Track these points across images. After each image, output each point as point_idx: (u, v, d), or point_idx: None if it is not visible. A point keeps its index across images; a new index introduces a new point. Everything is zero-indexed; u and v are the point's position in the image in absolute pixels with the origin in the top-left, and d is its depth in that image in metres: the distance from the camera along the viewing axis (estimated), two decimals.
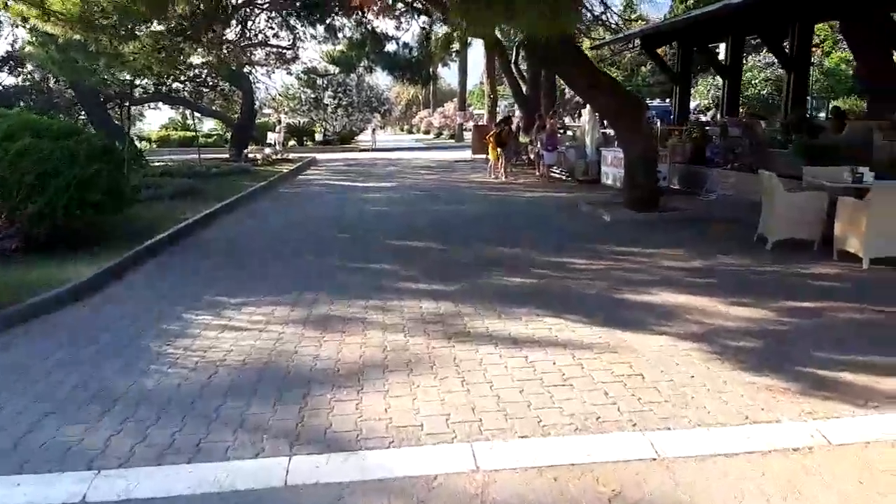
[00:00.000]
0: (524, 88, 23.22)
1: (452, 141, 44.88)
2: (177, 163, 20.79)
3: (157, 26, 12.97)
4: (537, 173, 18.78)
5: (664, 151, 14.04)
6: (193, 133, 41.55)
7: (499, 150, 17.96)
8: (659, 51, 21.65)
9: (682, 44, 18.35)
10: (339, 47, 22.71)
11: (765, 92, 37.73)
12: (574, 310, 5.66)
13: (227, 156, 26.00)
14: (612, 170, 14.51)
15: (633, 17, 33.79)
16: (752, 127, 12.94)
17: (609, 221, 10.43)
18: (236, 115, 28.22)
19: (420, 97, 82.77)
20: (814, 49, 39.51)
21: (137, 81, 22.36)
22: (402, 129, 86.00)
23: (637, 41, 19.99)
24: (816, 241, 7.88)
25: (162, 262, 8.07)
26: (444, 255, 8.28)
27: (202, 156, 28.56)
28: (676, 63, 18.85)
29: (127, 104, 26.36)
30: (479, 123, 31.71)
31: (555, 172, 17.88)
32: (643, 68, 50.39)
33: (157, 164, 22.31)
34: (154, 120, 48.11)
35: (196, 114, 29.72)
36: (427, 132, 62.61)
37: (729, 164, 13.14)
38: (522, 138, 21.31)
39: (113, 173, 8.36)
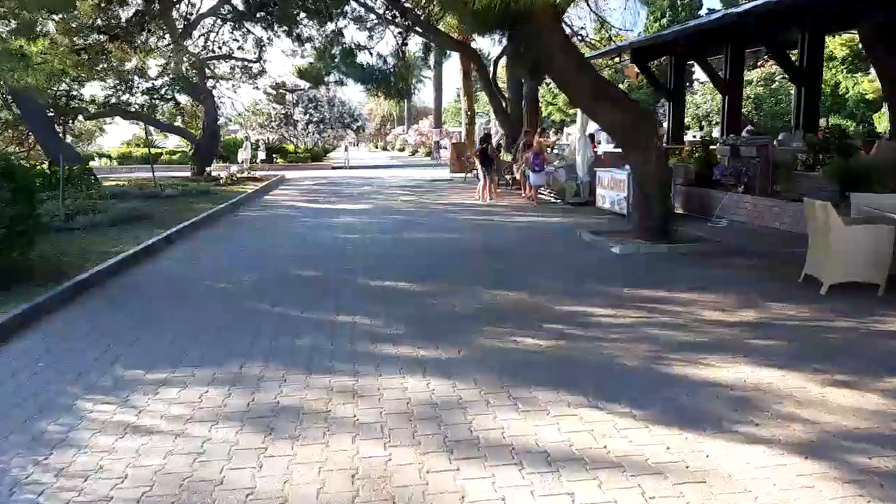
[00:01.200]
0: (505, 104, 21.88)
1: (428, 159, 43.53)
2: (131, 182, 19.03)
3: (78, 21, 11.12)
4: (523, 194, 17.39)
5: None
6: (156, 150, 39.69)
7: (482, 168, 16.53)
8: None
9: (676, 57, 17.21)
10: (307, 59, 21.19)
11: (745, 110, 37.08)
12: (617, 394, 4.15)
13: (188, 174, 24.25)
14: (610, 193, 13.14)
15: (606, 34, 32.74)
16: (766, 146, 11.67)
17: (619, 254, 8.98)
18: (200, 132, 26.43)
19: (395, 114, 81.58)
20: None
21: (79, 92, 20.56)
22: (377, 147, 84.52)
23: (626, 55, 18.81)
24: (882, 284, 6.51)
25: (75, 313, 6.37)
26: (432, 301, 6.72)
27: (162, 174, 26.77)
28: (669, 77, 17.70)
29: (71, 118, 24.58)
30: (456, 141, 30.37)
31: (543, 194, 16.49)
32: (620, 86, 49.77)
33: (111, 183, 20.53)
34: (116, 135, 46.07)
35: (156, 129, 27.86)
36: (402, 149, 61.29)
37: (741, 187, 11.86)
38: (504, 156, 19.93)
39: (16, 201, 6.67)
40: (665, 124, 18.26)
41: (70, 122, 26.22)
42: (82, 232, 10.80)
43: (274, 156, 38.11)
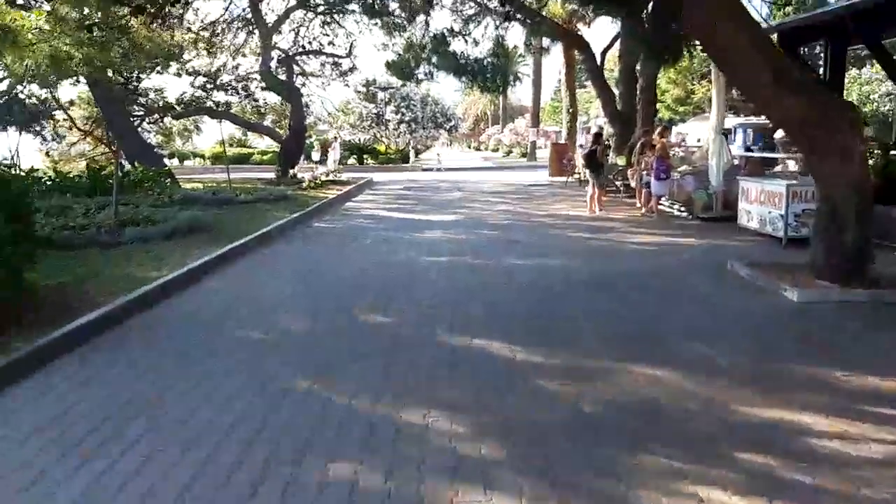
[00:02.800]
0: (616, 99, 19.32)
1: (524, 160, 41.24)
2: (207, 186, 17.87)
3: None
4: (639, 204, 14.89)
5: None
6: (248, 150, 39.52)
7: (589, 174, 14.16)
8: None
9: (835, 41, 14.14)
10: (396, 49, 19.46)
11: (885, 109, 32.43)
12: None
13: (273, 176, 23.20)
14: (758, 209, 10.48)
15: None
16: None
17: (797, 303, 6.49)
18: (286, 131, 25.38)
19: (489, 113, 79.65)
20: None
21: (153, 85, 19.70)
22: (469, 147, 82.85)
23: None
24: None
25: (34, 390, 4.62)
26: (545, 385, 4.54)
27: (247, 176, 25.93)
28: (826, 66, 14.63)
29: (160, 117, 24.05)
30: (557, 142, 27.93)
31: (664, 205, 13.93)
32: None
33: (191, 185, 19.67)
34: (211, 135, 46.59)
35: (245, 129, 27.08)
36: (496, 150, 59.31)
37: None
38: (616, 159, 17.42)
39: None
40: None
41: (159, 120, 25.88)
42: (129, 246, 9.40)
43: (364, 157, 37.02)
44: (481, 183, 23.90)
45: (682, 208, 13.51)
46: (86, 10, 9.37)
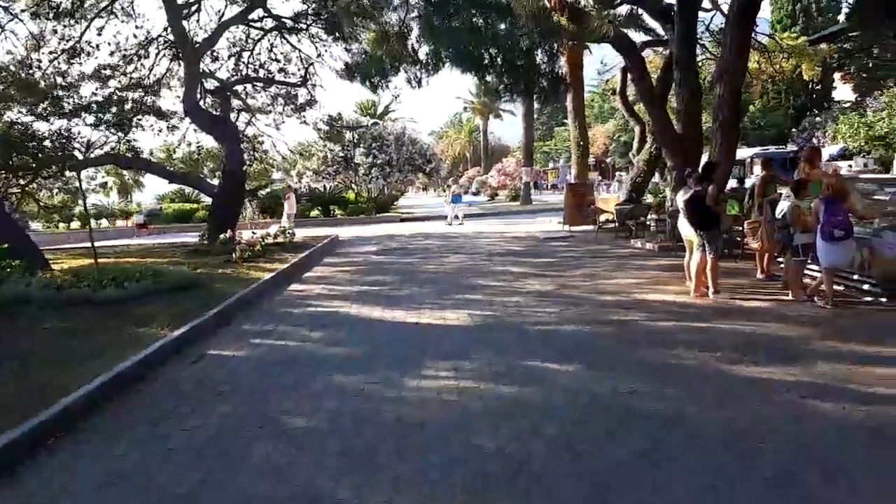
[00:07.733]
0: (675, 121, 13.78)
1: (516, 204, 35.74)
2: (66, 272, 11.57)
3: None
4: (759, 275, 9.20)
5: None
6: (193, 205, 33.46)
7: (695, 233, 8.37)
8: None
9: None
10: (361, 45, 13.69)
11: None
12: None
13: (198, 240, 17.01)
14: None
15: None
16: None
17: None
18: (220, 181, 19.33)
19: (468, 154, 74.77)
20: None
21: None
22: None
23: None
24: None
25: None
26: None
27: (175, 239, 19.92)
28: None
29: (59, 170, 17.91)
30: (573, 181, 22.34)
31: (838, 283, 8.12)
32: (752, 106, 40.73)
33: (66, 263, 13.68)
34: (154, 188, 40.46)
35: (166, 180, 20.94)
36: (476, 193, 53.86)
37: None
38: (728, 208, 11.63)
39: None
40: None
41: (59, 174, 19.69)
42: None
43: (331, 207, 31.14)
44: (481, 237, 18.08)
45: (874, 285, 7.70)
46: None
